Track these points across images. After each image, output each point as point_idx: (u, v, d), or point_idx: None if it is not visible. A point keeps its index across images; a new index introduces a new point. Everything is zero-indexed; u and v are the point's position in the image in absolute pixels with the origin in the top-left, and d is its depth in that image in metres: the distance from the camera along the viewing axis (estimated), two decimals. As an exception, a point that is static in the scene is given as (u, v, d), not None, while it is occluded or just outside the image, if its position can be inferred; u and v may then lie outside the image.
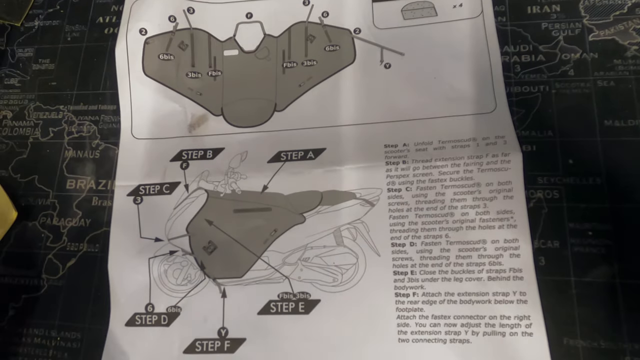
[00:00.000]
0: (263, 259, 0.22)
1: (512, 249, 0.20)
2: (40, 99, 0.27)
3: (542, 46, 0.23)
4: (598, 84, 0.22)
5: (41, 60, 0.27)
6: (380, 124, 0.23)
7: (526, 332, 0.19)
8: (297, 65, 0.24)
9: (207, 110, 0.25)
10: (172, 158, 0.24)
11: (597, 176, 0.21)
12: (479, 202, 0.20)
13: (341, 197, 0.22)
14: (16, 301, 0.24)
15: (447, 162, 0.21)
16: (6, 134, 0.26)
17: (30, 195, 0.25)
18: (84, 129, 0.26)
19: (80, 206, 0.24)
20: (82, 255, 0.24)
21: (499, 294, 0.20)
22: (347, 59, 0.24)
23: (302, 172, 0.22)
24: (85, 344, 0.22)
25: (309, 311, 0.21)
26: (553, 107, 0.22)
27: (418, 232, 0.21)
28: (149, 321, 0.22)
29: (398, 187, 0.21)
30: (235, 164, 0.23)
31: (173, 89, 0.25)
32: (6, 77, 0.27)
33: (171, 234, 0.23)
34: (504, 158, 0.21)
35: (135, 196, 0.24)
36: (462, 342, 0.19)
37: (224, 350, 0.21)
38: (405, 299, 0.20)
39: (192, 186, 0.23)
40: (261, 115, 0.24)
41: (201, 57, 0.25)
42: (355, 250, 0.21)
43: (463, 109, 0.22)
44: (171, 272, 0.22)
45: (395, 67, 0.23)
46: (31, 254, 0.24)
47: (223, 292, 0.22)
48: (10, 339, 0.23)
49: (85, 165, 0.25)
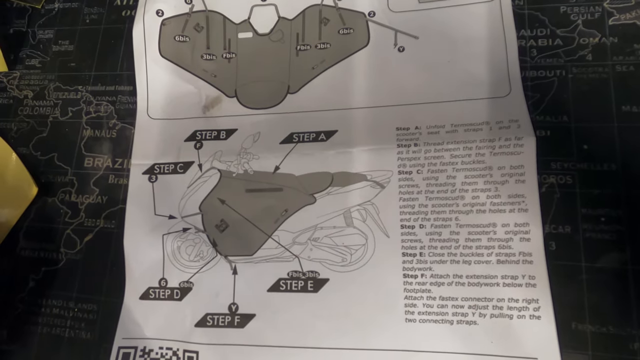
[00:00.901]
0: (274, 238, 0.22)
1: (523, 233, 0.20)
2: (59, 80, 0.27)
3: (560, 30, 0.22)
4: (616, 69, 0.21)
5: (61, 42, 0.28)
6: (392, 107, 0.23)
7: (534, 315, 0.19)
8: (310, 48, 0.25)
9: (221, 91, 0.25)
10: (187, 138, 0.24)
11: (612, 162, 0.20)
12: (490, 186, 0.20)
13: (352, 178, 0.22)
14: (36, 273, 0.24)
15: (459, 145, 0.21)
16: (27, 113, 0.27)
17: (50, 173, 0.26)
18: (101, 109, 0.26)
19: (97, 183, 0.25)
20: (99, 231, 0.24)
21: (507, 277, 0.20)
22: (360, 42, 0.24)
23: (313, 153, 0.23)
24: (101, 316, 0.23)
25: (318, 289, 0.21)
26: (569, 92, 0.21)
27: (428, 214, 0.21)
28: (162, 295, 0.23)
29: (409, 169, 0.22)
30: (248, 144, 0.24)
31: (188, 71, 0.25)
32: (27, 58, 0.28)
33: (185, 212, 0.23)
34: (517, 142, 0.21)
35: (150, 174, 0.24)
36: (469, 324, 0.20)
37: (234, 325, 0.22)
38: (413, 280, 0.20)
39: (206, 166, 0.24)
40: (274, 97, 0.24)
41: (216, 40, 0.26)
42: (365, 231, 0.21)
43: (477, 93, 0.22)
44: (184, 249, 0.23)
45: (409, 51, 0.23)
46: (50, 228, 0.25)
47: (234, 269, 0.22)
48: (30, 309, 0.24)
49: (102, 144, 0.26)
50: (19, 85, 0.28)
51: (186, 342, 0.22)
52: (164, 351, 0.22)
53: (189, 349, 0.22)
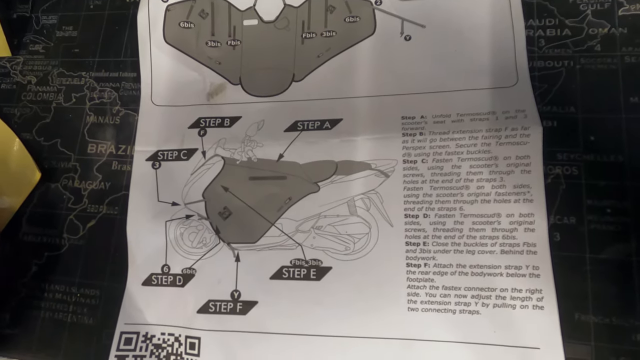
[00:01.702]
0: (277, 226, 0.22)
1: (527, 224, 0.20)
2: (63, 65, 0.27)
3: (569, 20, 0.22)
4: (625, 60, 0.21)
5: (64, 27, 0.28)
6: (398, 96, 0.22)
7: (537, 305, 0.19)
8: (316, 36, 0.24)
9: (226, 79, 0.25)
10: (190, 125, 0.24)
11: (619, 153, 0.20)
12: (495, 176, 0.20)
13: (356, 167, 0.22)
14: (39, 258, 0.24)
15: (464, 134, 0.21)
16: (30, 98, 0.27)
17: (53, 158, 0.26)
18: (105, 95, 0.26)
19: (100, 170, 0.25)
20: (102, 217, 0.24)
21: (511, 267, 0.20)
22: (367, 30, 0.24)
23: (318, 141, 0.23)
24: (104, 301, 0.23)
25: (320, 278, 0.21)
26: (577, 82, 0.21)
27: (432, 204, 0.21)
28: (165, 281, 0.23)
29: (414, 158, 0.21)
30: (252, 132, 0.24)
31: (192, 57, 0.25)
32: (31, 44, 0.28)
33: (188, 199, 0.23)
34: (523, 132, 0.20)
35: (154, 161, 0.24)
36: (471, 313, 0.20)
37: (236, 311, 0.22)
38: (416, 269, 0.20)
39: (209, 153, 0.24)
40: (279, 85, 0.24)
41: (221, 26, 0.25)
42: (368, 220, 0.21)
43: (483, 83, 0.22)
44: (187, 235, 0.23)
45: (416, 40, 0.23)
46: (53, 214, 0.25)
47: (237, 256, 0.22)
48: (33, 294, 0.24)
49: (105, 131, 0.26)
50: (22, 71, 0.28)
51: (188, 328, 0.22)
52: (166, 337, 0.22)
53: (191, 335, 0.22)
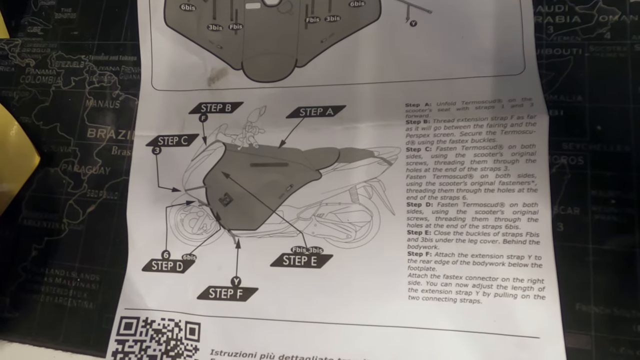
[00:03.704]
0: (278, 213, 0.22)
1: (531, 213, 0.20)
2: (62, 48, 0.27)
3: (579, 7, 0.22)
4: (635, 49, 0.21)
5: (63, 9, 0.27)
6: (402, 83, 0.22)
7: (539, 295, 0.19)
8: (320, 21, 0.24)
9: (227, 64, 0.24)
10: (191, 110, 0.24)
11: (626, 144, 0.20)
12: (499, 165, 0.20)
13: (359, 154, 0.22)
14: (38, 243, 0.24)
15: (469, 122, 0.21)
16: (29, 81, 0.27)
17: (53, 143, 0.25)
18: (104, 79, 0.26)
19: (100, 155, 0.25)
20: (102, 202, 0.24)
21: (513, 257, 0.19)
22: (371, 15, 0.23)
23: (320, 128, 0.22)
24: (104, 286, 0.23)
25: (321, 265, 0.21)
26: (585, 71, 0.21)
27: (435, 192, 0.21)
28: (165, 267, 0.22)
29: (417, 146, 0.21)
30: (254, 118, 0.23)
31: (193, 41, 0.25)
32: (29, 25, 0.28)
33: (188, 185, 0.23)
34: (529, 120, 0.20)
35: (154, 146, 0.24)
36: (472, 302, 0.19)
37: (236, 298, 0.21)
38: (417, 258, 0.20)
39: (210, 139, 0.23)
40: (281, 70, 0.24)
41: (223, 10, 0.25)
42: (370, 208, 0.21)
43: (490, 70, 0.21)
44: (187, 222, 0.23)
45: (422, 25, 0.23)
46: (53, 198, 0.25)
47: (237, 243, 0.22)
48: (33, 278, 0.24)
49: (105, 115, 0.25)
50: (20, 53, 0.27)
51: (188, 314, 0.22)
52: (166, 322, 0.22)
53: (191, 321, 0.22)
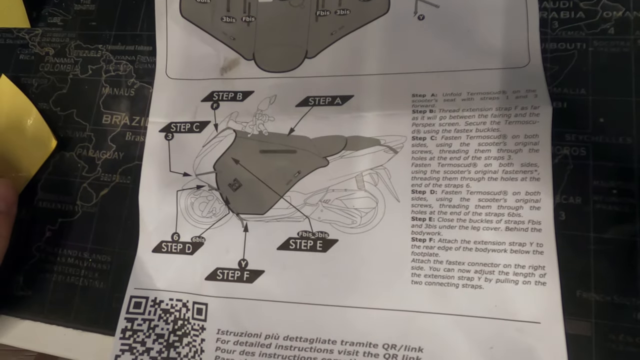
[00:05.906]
0: (285, 199, 0.23)
1: (533, 202, 0.20)
2: (80, 38, 0.28)
3: (583, 3, 0.22)
4: (638, 44, 0.21)
5: (82, 1, 0.28)
6: (409, 74, 0.23)
7: (539, 281, 0.19)
8: (330, 14, 0.25)
9: (240, 54, 0.25)
10: (204, 98, 0.25)
11: (628, 136, 0.20)
12: (503, 154, 0.21)
13: (365, 142, 0.22)
14: (52, 224, 0.25)
15: (474, 112, 0.21)
16: (48, 69, 0.28)
17: (69, 128, 0.26)
18: (120, 68, 0.27)
19: (114, 140, 0.26)
20: (115, 186, 0.25)
21: (515, 244, 0.20)
22: (380, 9, 0.24)
23: (328, 117, 0.23)
24: (115, 267, 0.24)
25: (327, 249, 0.22)
26: (589, 65, 0.21)
27: (439, 180, 0.21)
28: (175, 249, 0.23)
29: (423, 135, 0.22)
30: (264, 106, 0.24)
31: (207, 32, 0.26)
32: (49, 16, 0.29)
33: (199, 170, 0.24)
34: (533, 111, 0.21)
35: (167, 132, 0.25)
36: (474, 288, 0.20)
37: (243, 280, 0.22)
38: (421, 244, 0.21)
39: (221, 126, 0.24)
40: (292, 61, 0.24)
41: (236, 2, 0.26)
42: (376, 195, 0.22)
43: (495, 63, 0.22)
44: (197, 205, 0.23)
45: (429, 19, 0.23)
46: (68, 182, 0.26)
47: (245, 226, 0.23)
48: (46, 258, 0.25)
49: (120, 102, 0.26)
50: (40, 43, 0.28)
51: (196, 295, 0.22)
52: (174, 302, 0.22)
53: (198, 301, 0.22)
